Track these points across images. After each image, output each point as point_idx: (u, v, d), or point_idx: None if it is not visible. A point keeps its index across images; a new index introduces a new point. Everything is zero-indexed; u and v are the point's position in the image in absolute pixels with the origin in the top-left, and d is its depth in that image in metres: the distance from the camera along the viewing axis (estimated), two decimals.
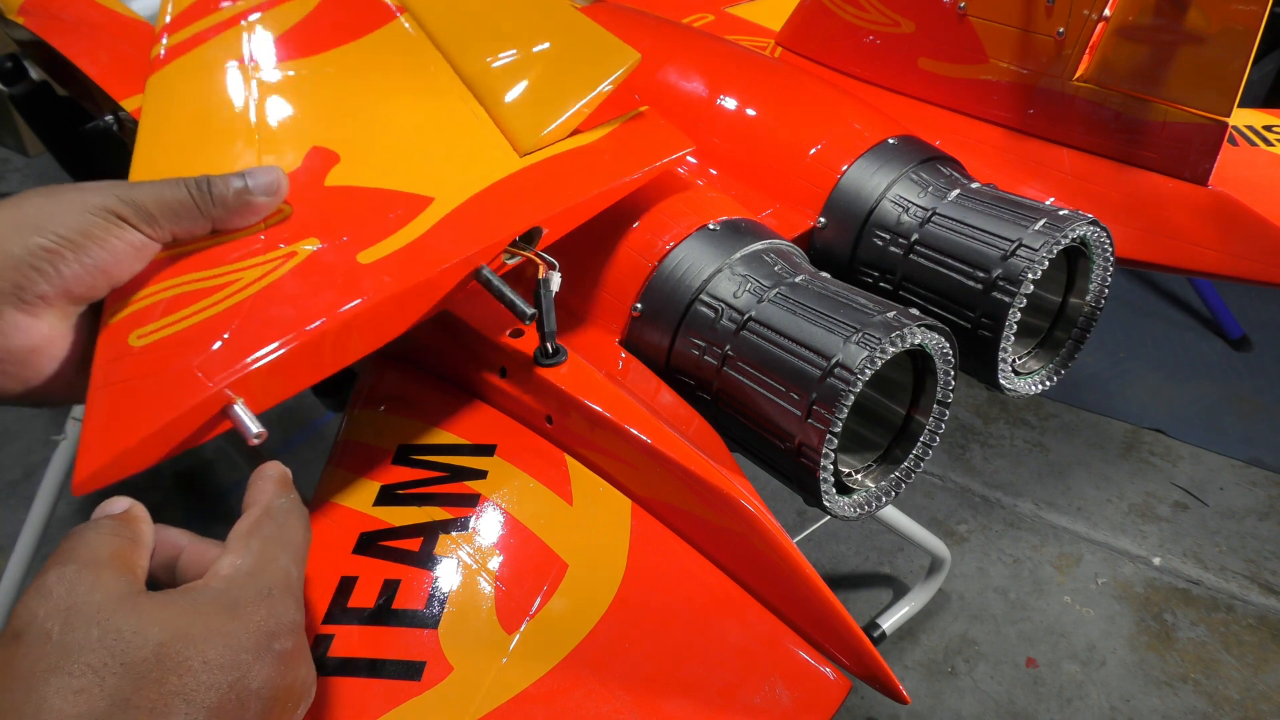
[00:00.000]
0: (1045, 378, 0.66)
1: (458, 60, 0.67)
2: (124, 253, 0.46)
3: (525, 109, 0.60)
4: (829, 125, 0.71)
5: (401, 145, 0.60)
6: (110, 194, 0.46)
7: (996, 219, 0.62)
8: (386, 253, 0.50)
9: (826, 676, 0.47)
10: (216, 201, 0.49)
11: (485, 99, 0.62)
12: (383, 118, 0.62)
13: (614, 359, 0.60)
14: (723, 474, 0.50)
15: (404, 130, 0.61)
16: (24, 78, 1.13)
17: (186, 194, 0.48)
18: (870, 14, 0.79)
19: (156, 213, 0.47)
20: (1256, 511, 1.81)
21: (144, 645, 0.35)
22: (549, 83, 0.61)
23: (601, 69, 0.59)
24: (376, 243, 0.51)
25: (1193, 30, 0.64)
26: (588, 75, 0.60)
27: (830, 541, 1.76)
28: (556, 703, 0.44)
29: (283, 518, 0.43)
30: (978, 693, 1.52)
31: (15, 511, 1.74)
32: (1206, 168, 0.68)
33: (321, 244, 0.51)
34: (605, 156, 0.58)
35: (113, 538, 0.40)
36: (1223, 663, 1.56)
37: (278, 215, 0.53)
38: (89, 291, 0.46)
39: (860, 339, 0.51)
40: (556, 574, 0.49)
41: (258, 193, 0.51)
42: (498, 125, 0.60)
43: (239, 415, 0.43)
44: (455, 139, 0.60)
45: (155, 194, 0.47)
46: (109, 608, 0.36)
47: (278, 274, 0.49)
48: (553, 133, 0.58)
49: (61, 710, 0.32)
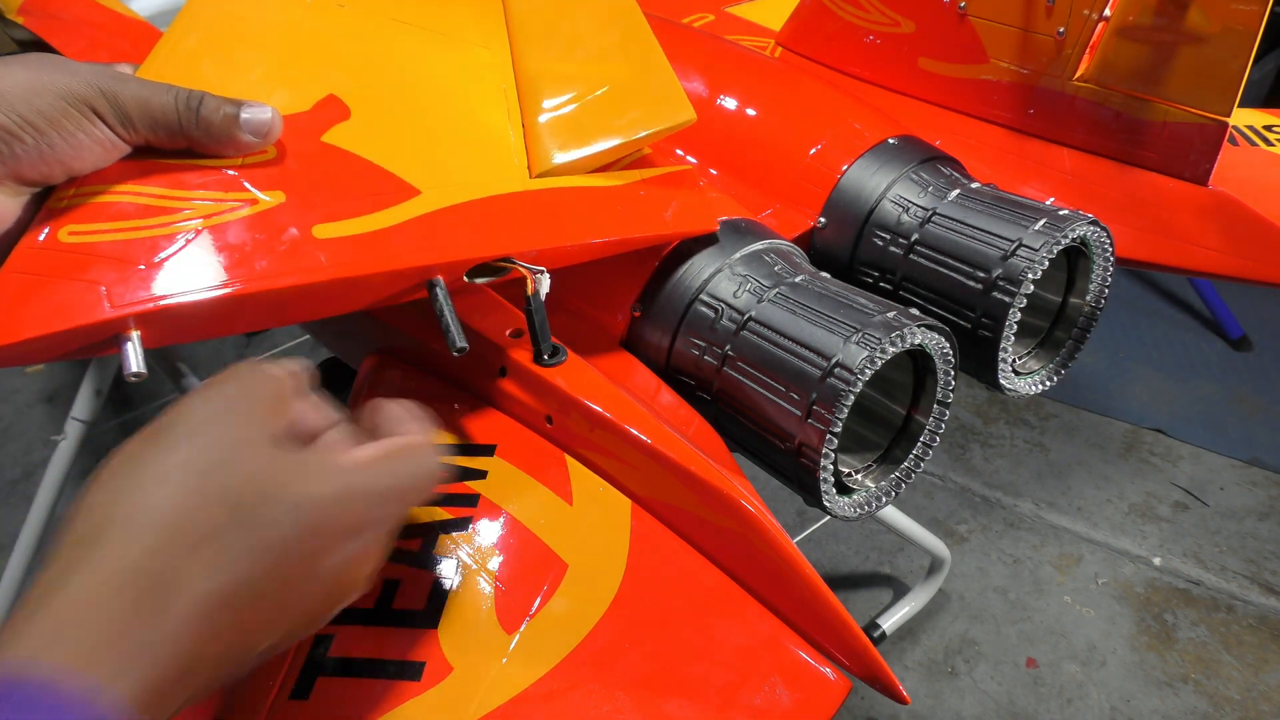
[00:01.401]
0: (1045, 378, 0.66)
1: (521, 49, 0.62)
2: (88, 148, 0.44)
3: (557, 127, 0.57)
4: (829, 125, 0.71)
5: (417, 123, 0.56)
6: (94, 85, 0.44)
7: (997, 219, 0.62)
8: (345, 234, 0.47)
9: (827, 677, 0.47)
10: (201, 123, 0.46)
11: (526, 100, 0.59)
12: (412, 87, 0.58)
13: (614, 359, 0.60)
14: (723, 474, 0.49)
15: (428, 107, 0.57)
16: None
17: (173, 105, 0.46)
18: (870, 14, 0.79)
19: (135, 116, 0.45)
20: (1257, 511, 1.81)
21: (250, 484, 0.35)
22: (592, 110, 0.58)
23: (649, 117, 0.57)
24: (340, 220, 0.48)
25: (1193, 30, 0.64)
26: (632, 118, 0.57)
27: (830, 541, 1.76)
28: (556, 703, 0.44)
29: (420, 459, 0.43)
30: (978, 693, 1.52)
31: (15, 511, 1.74)
32: (1207, 168, 0.68)
33: (285, 201, 0.47)
34: (616, 206, 0.56)
35: (282, 382, 0.40)
36: (1223, 663, 1.56)
37: (260, 155, 0.49)
38: (43, 178, 0.44)
39: (860, 339, 0.51)
40: (556, 574, 0.49)
41: (246, 129, 0.48)
42: (525, 133, 0.57)
43: (127, 350, 0.42)
44: (474, 134, 0.57)
45: (141, 96, 0.45)
46: (246, 443, 0.37)
47: (227, 218, 0.46)
48: (572, 163, 0.56)
49: (160, 510, 0.34)
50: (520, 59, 0.62)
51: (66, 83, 0.43)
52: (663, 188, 0.59)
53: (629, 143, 0.58)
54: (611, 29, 0.63)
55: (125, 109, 0.45)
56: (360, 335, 0.67)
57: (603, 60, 0.61)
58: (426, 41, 0.62)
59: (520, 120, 0.58)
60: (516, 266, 0.52)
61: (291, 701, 0.44)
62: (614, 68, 0.60)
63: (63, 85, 0.43)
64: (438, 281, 0.49)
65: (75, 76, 0.44)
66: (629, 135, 0.57)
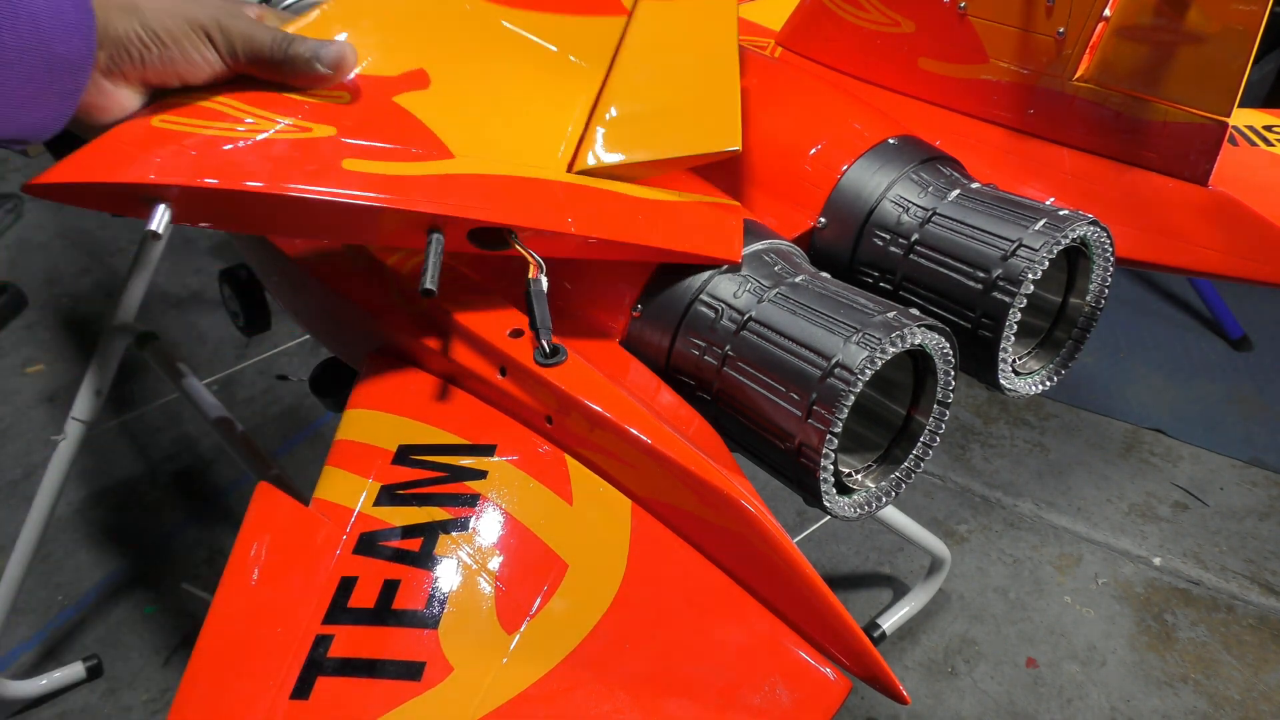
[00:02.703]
0: (1045, 378, 0.66)
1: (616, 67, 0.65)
2: (200, 66, 0.53)
3: (607, 134, 0.59)
4: (829, 125, 0.71)
5: (483, 107, 0.60)
6: (213, 17, 0.53)
7: (997, 219, 0.62)
8: (370, 171, 0.52)
9: (827, 677, 0.47)
10: (288, 60, 0.54)
11: (597, 110, 0.61)
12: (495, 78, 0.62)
13: (614, 359, 0.60)
14: (723, 474, 0.49)
15: (500, 97, 0.61)
16: None
17: (269, 43, 0.54)
18: (870, 14, 0.79)
19: (240, 48, 0.54)
20: (1257, 511, 1.81)
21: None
22: (645, 124, 0.60)
23: (693, 140, 0.58)
24: (371, 160, 0.53)
25: (1193, 30, 0.64)
26: (677, 138, 0.59)
27: (830, 541, 1.76)
28: (557, 703, 0.44)
29: None
30: (978, 693, 1.52)
31: (15, 511, 1.74)
32: (1207, 168, 0.68)
33: (333, 135, 0.54)
34: (638, 213, 0.57)
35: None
36: (1223, 663, 1.56)
37: (335, 96, 0.56)
38: (161, 82, 0.54)
39: (860, 339, 0.51)
40: (556, 574, 0.49)
41: (322, 62, 0.55)
42: (582, 136, 0.59)
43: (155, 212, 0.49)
44: (530, 127, 0.59)
45: (246, 33, 0.54)
46: None
47: (278, 136, 0.53)
48: (606, 167, 0.57)
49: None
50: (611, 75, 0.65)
51: (193, 11, 0.53)
52: (696, 210, 0.60)
53: (665, 160, 0.59)
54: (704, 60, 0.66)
55: (233, 40, 0.54)
56: (360, 335, 0.67)
57: (680, 85, 0.64)
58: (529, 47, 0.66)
59: (581, 128, 0.60)
60: (516, 246, 0.53)
61: (292, 701, 0.44)
62: (686, 93, 0.63)
63: (190, 13, 0.53)
64: (438, 233, 0.53)
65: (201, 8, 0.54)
66: (666, 153, 0.59)
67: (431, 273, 0.51)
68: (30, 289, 2.30)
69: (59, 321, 2.24)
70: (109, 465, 1.89)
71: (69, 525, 1.76)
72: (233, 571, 0.49)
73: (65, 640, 1.58)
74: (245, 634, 0.47)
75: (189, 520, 1.80)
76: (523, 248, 0.54)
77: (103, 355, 1.34)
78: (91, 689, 1.51)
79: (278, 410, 2.02)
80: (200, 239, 2.47)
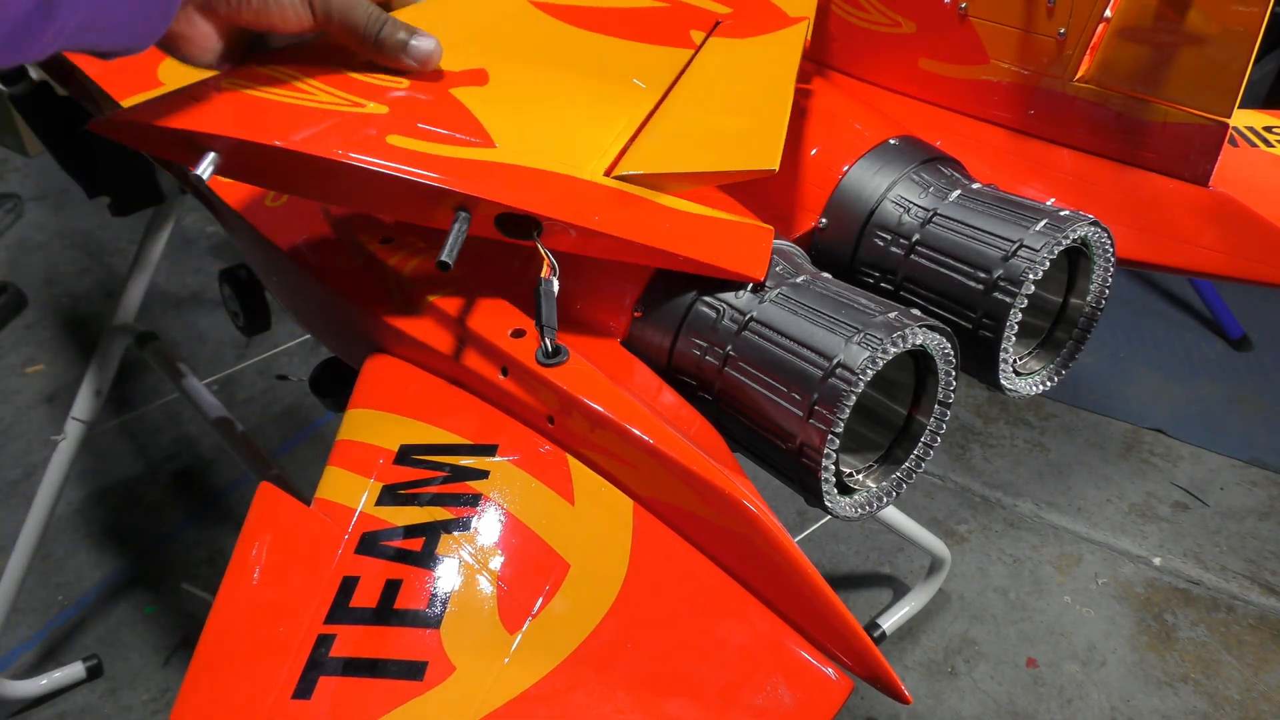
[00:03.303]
0: (1046, 378, 0.66)
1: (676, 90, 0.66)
2: (290, 20, 0.55)
3: (648, 144, 0.60)
4: (830, 126, 0.71)
5: (534, 107, 0.62)
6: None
7: (998, 219, 0.62)
8: (411, 148, 0.54)
9: (828, 676, 0.47)
10: (379, 42, 0.56)
11: (648, 127, 0.62)
12: (552, 85, 0.64)
13: (615, 359, 0.60)
14: (724, 474, 0.50)
15: (552, 103, 0.63)
16: (24, 78, 1.13)
17: (364, 19, 0.56)
18: (871, 14, 0.79)
19: (336, 17, 0.55)
20: (1257, 511, 1.81)
21: None
22: (687, 139, 0.61)
23: (729, 158, 0.59)
24: (415, 138, 0.55)
25: (1193, 31, 0.64)
26: (714, 154, 0.59)
27: (830, 541, 1.76)
28: (558, 702, 0.44)
29: None
30: (978, 693, 1.52)
31: (15, 511, 1.75)
32: (1207, 168, 0.68)
33: (384, 114, 0.56)
34: (664, 220, 0.57)
35: None
36: (1223, 663, 1.56)
37: (395, 79, 0.58)
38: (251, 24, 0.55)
39: (862, 339, 0.51)
40: (558, 574, 0.49)
41: (410, 55, 0.57)
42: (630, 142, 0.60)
43: (204, 159, 0.53)
44: (575, 133, 0.60)
45: (345, 5, 0.55)
46: None
47: (332, 108, 0.56)
48: (640, 176, 0.58)
49: None
50: (667, 98, 0.65)
51: None
52: (727, 227, 0.60)
53: (700, 174, 0.59)
54: (760, 89, 0.67)
55: (329, 9, 0.55)
56: (361, 335, 0.67)
57: (731, 109, 0.64)
58: (592, 65, 0.67)
59: (625, 140, 0.61)
60: (536, 243, 0.54)
61: (294, 701, 0.44)
62: (735, 117, 0.63)
63: None
64: (465, 212, 0.54)
65: None
66: (703, 167, 0.59)
67: (451, 248, 0.53)
68: (30, 289, 2.30)
69: (59, 321, 2.24)
70: (109, 465, 1.89)
71: (69, 525, 1.76)
72: (234, 571, 0.49)
73: (65, 640, 1.58)
74: (247, 634, 0.47)
75: (189, 520, 1.80)
76: (541, 246, 0.54)
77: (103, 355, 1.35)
78: (91, 689, 1.51)
79: (278, 410, 2.02)
80: (200, 239, 2.47)
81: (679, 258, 0.57)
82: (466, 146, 0.55)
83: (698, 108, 0.64)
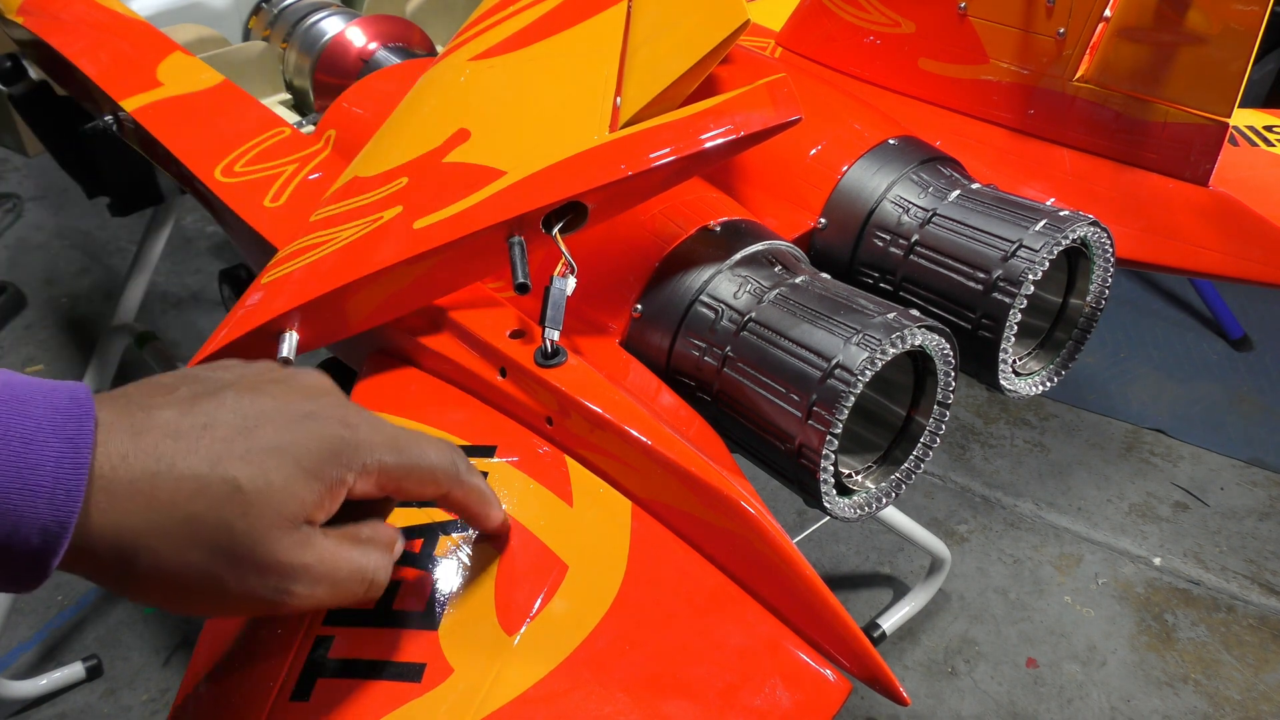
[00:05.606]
0: (1046, 378, 0.66)
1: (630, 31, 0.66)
2: None
3: (635, 80, 0.61)
4: (829, 126, 0.71)
5: (517, 124, 0.63)
6: (378, 457, 0.42)
7: (997, 220, 0.62)
8: (438, 219, 0.56)
9: (827, 678, 0.47)
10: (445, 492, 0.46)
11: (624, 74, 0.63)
12: (522, 99, 0.65)
13: (614, 360, 0.60)
14: (723, 475, 0.49)
15: (529, 109, 0.64)
16: (24, 78, 1.13)
17: (435, 471, 0.45)
18: (870, 14, 0.79)
19: (399, 476, 0.43)
20: (1257, 511, 1.81)
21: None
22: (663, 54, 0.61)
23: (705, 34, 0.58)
24: (435, 211, 0.56)
25: (1193, 31, 0.64)
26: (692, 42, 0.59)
27: (830, 542, 1.76)
28: (557, 704, 0.44)
29: None
30: (978, 693, 1.52)
31: None
32: (1207, 168, 0.68)
33: (400, 213, 0.58)
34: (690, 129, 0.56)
35: None
36: (1223, 663, 1.56)
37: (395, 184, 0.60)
38: None
39: (861, 340, 0.51)
40: (557, 575, 0.49)
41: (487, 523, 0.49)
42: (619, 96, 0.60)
43: (283, 340, 0.57)
44: (562, 116, 0.61)
45: (410, 462, 0.44)
46: None
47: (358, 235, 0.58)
48: (649, 106, 0.58)
49: None
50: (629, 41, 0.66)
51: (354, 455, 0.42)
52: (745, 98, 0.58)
53: (696, 66, 0.58)
54: None
55: (392, 474, 0.43)
56: (360, 336, 0.67)
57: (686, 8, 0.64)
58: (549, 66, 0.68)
59: (612, 96, 0.61)
60: (558, 243, 0.55)
61: (292, 703, 0.44)
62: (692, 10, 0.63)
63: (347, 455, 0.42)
64: (516, 237, 0.55)
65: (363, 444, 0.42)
66: (685, 63, 0.58)
67: (520, 269, 0.54)
68: (30, 289, 2.30)
69: (59, 321, 2.24)
70: None
71: None
72: None
73: (65, 640, 1.58)
74: (245, 635, 0.47)
75: None
76: (560, 242, 0.55)
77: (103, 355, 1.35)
78: (91, 689, 1.51)
79: None
80: (200, 239, 2.47)
81: (718, 147, 0.56)
82: (481, 189, 0.57)
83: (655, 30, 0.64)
